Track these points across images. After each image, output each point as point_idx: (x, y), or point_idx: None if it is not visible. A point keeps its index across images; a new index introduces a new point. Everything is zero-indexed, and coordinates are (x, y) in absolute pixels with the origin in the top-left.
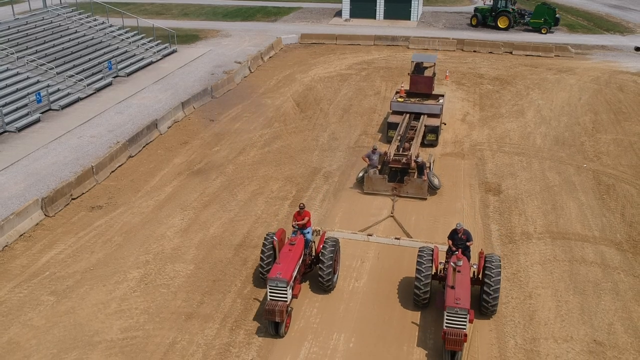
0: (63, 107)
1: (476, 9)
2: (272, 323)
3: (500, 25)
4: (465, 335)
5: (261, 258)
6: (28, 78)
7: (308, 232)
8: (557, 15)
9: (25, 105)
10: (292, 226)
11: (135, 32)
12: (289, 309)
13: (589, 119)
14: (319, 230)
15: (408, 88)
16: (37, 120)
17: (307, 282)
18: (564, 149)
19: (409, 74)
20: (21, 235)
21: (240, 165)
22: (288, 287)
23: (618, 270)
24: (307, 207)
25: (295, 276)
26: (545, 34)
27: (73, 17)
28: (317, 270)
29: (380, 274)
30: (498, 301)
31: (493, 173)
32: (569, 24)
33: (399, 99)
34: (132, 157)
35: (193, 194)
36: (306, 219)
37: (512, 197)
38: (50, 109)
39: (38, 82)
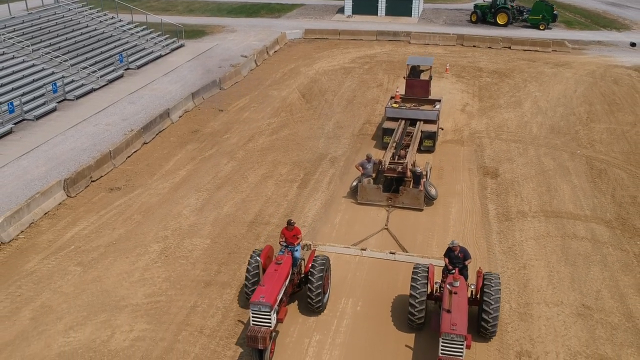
0: (78, 97)
1: (476, 6)
2: (255, 351)
3: (499, 22)
4: None
5: (246, 277)
6: (43, 69)
7: (297, 250)
8: (554, 12)
9: (42, 95)
10: (280, 244)
11: (144, 27)
12: (274, 334)
13: (583, 109)
14: (310, 245)
15: (404, 92)
16: (54, 109)
17: (296, 302)
18: (559, 137)
19: (404, 77)
20: (46, 214)
21: (250, 151)
22: (272, 312)
23: (607, 245)
24: (315, 188)
25: (282, 298)
26: (544, 30)
27: (84, 12)
28: (307, 291)
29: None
30: (497, 322)
31: (491, 158)
32: (567, 20)
33: (394, 105)
34: (147, 143)
35: (206, 177)
36: (299, 237)
37: (508, 180)
38: (65, 99)
39: (53, 73)
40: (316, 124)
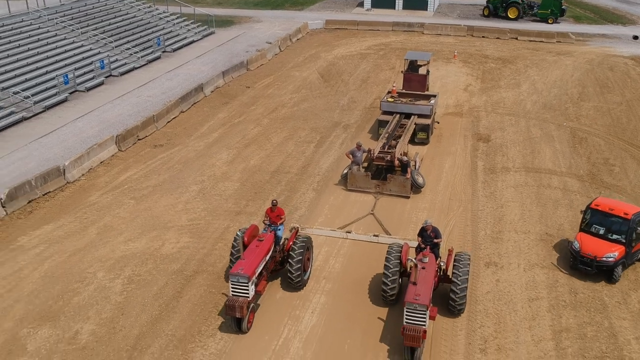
0: (122, 74)
1: (488, 1)
2: (234, 319)
3: (510, 16)
4: (425, 331)
5: (231, 252)
6: (91, 50)
7: (279, 229)
8: (563, 7)
9: (91, 70)
10: (264, 222)
11: (178, 15)
12: (252, 305)
13: (576, 90)
14: (297, 227)
15: (401, 87)
16: (102, 83)
17: (279, 279)
18: (550, 112)
19: (402, 71)
20: (102, 162)
21: (274, 119)
22: (250, 283)
23: (576, 193)
24: (329, 148)
25: (261, 272)
26: (552, 23)
27: (124, 0)
28: (288, 268)
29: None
30: (465, 300)
31: (485, 127)
32: (576, 15)
33: (389, 99)
34: (184, 112)
35: (235, 138)
36: (282, 217)
37: (498, 144)
38: (111, 75)
39: (99, 53)
40: (332, 99)
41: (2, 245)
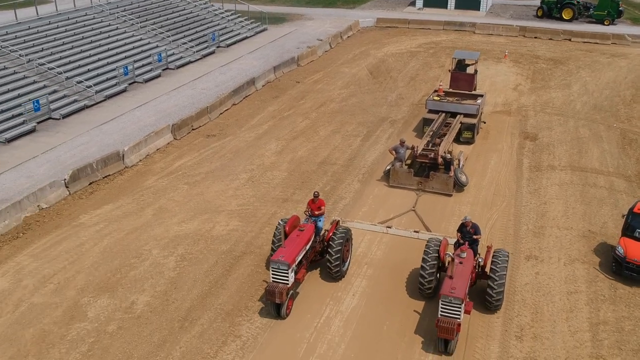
0: (178, 67)
1: (542, 1)
2: (273, 304)
3: (564, 17)
4: (459, 324)
5: (272, 241)
6: (150, 43)
7: (320, 220)
8: (620, 8)
9: (149, 63)
10: (305, 214)
11: (232, 12)
12: (291, 292)
13: (629, 92)
14: (338, 220)
15: (448, 86)
16: (159, 75)
17: (318, 269)
18: (600, 113)
19: (449, 70)
20: (158, 149)
21: (322, 113)
22: (290, 270)
23: (622, 193)
24: (375, 142)
25: (301, 261)
26: (608, 25)
27: None
28: (327, 259)
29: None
30: (502, 297)
31: (533, 126)
32: (634, 17)
33: (435, 98)
34: (235, 104)
35: (284, 130)
36: (322, 208)
37: (545, 143)
38: (167, 68)
39: (157, 46)
40: (380, 95)
41: (65, 222)
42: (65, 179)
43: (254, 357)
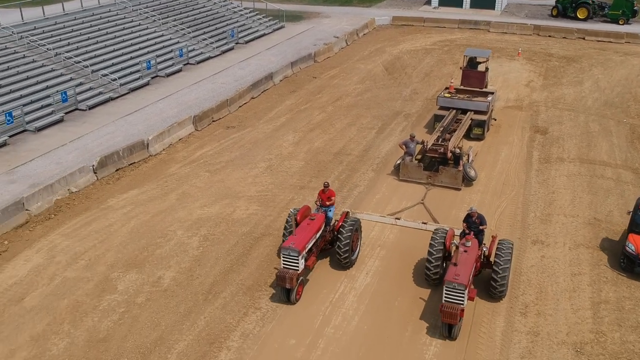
0: (198, 62)
1: (557, 1)
2: (283, 289)
3: (579, 16)
4: (462, 310)
5: (284, 228)
6: (171, 39)
7: (331, 210)
8: (635, 8)
9: (171, 58)
10: (315, 203)
11: (250, 9)
12: (301, 278)
13: None
14: (347, 211)
15: (459, 83)
16: (180, 70)
17: (328, 258)
18: (611, 109)
19: (461, 68)
20: (180, 139)
21: (338, 107)
22: (300, 257)
23: (628, 184)
24: (390, 134)
25: (311, 249)
26: (623, 24)
27: None
28: (336, 247)
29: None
30: (506, 286)
31: (544, 121)
32: None
33: (446, 95)
34: (254, 98)
35: (301, 123)
36: (332, 198)
37: (555, 136)
38: (188, 63)
39: (178, 42)
40: (395, 90)
41: (94, 205)
42: (93, 165)
43: (273, 327)
